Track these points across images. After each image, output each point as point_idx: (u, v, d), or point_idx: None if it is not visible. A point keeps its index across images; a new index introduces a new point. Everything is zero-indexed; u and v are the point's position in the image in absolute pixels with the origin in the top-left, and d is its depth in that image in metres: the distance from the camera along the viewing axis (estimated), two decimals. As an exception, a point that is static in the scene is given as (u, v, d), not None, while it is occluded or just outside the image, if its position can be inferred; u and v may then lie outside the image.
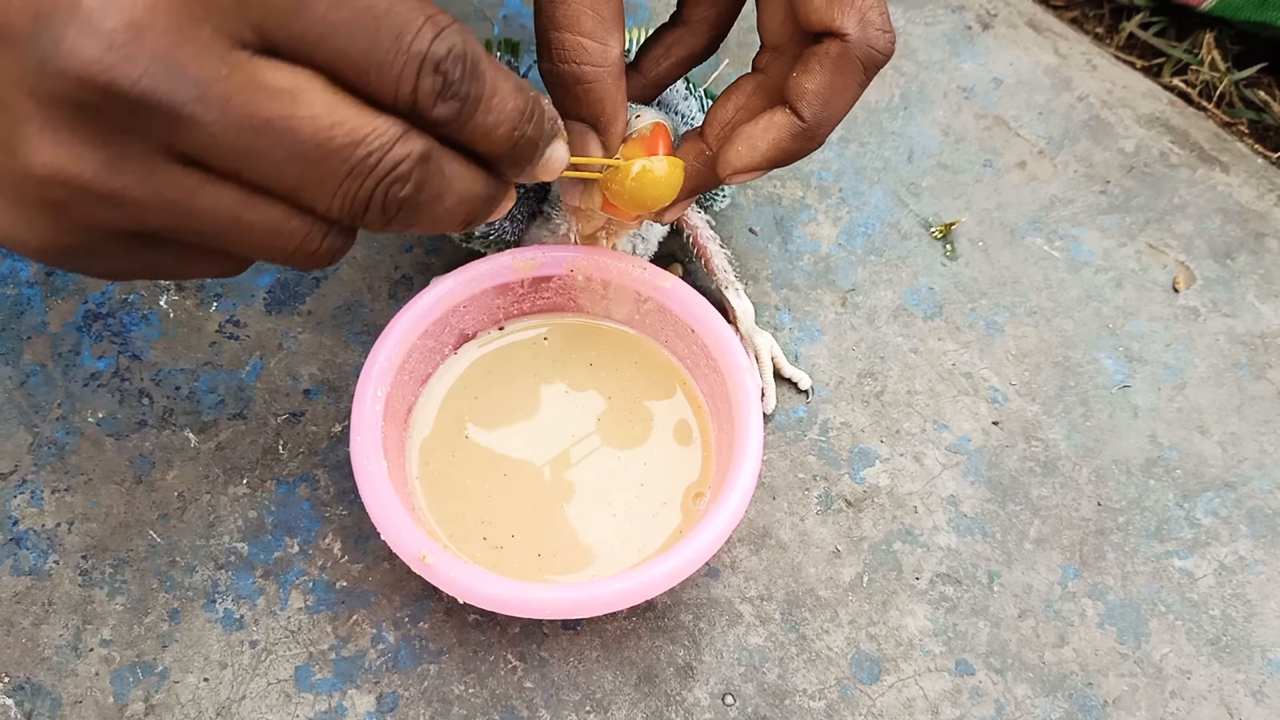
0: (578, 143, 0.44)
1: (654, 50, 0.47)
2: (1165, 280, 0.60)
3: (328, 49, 0.26)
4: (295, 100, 0.26)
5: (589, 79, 0.41)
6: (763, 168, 0.43)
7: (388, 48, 0.27)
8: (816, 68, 0.40)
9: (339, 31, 0.26)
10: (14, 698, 0.46)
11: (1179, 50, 0.70)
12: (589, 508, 0.48)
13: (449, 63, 0.28)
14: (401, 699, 0.47)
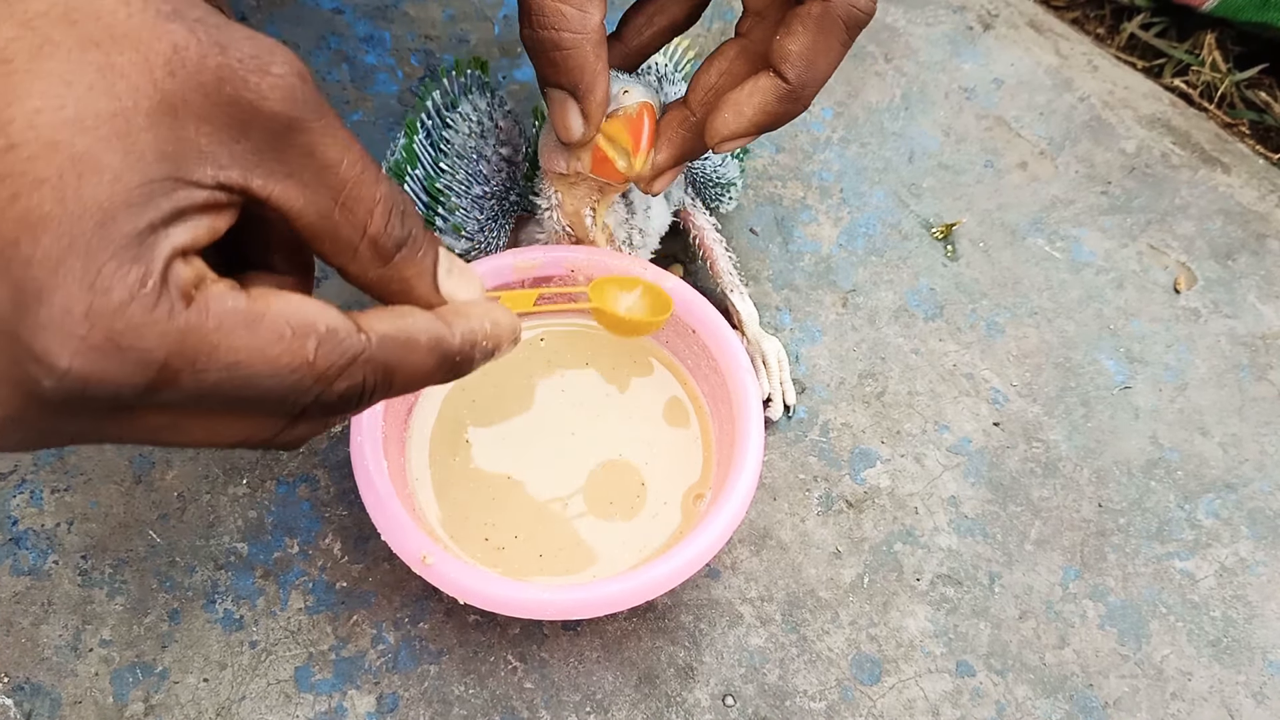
0: (557, 110, 0.44)
1: (636, 19, 0.47)
2: (1166, 281, 0.60)
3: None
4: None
5: (567, 45, 0.41)
6: (750, 133, 0.43)
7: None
8: (799, 29, 0.41)
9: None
10: (13, 698, 0.46)
11: (1180, 51, 0.70)
12: (589, 508, 0.48)
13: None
14: (402, 699, 0.47)
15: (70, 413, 0.27)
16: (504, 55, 0.65)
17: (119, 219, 0.25)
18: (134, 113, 0.26)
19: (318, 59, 0.64)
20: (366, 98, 0.63)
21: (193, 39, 0.27)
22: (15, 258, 0.24)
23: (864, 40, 0.67)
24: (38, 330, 0.25)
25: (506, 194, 0.52)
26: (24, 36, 0.25)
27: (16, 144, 0.25)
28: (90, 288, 0.25)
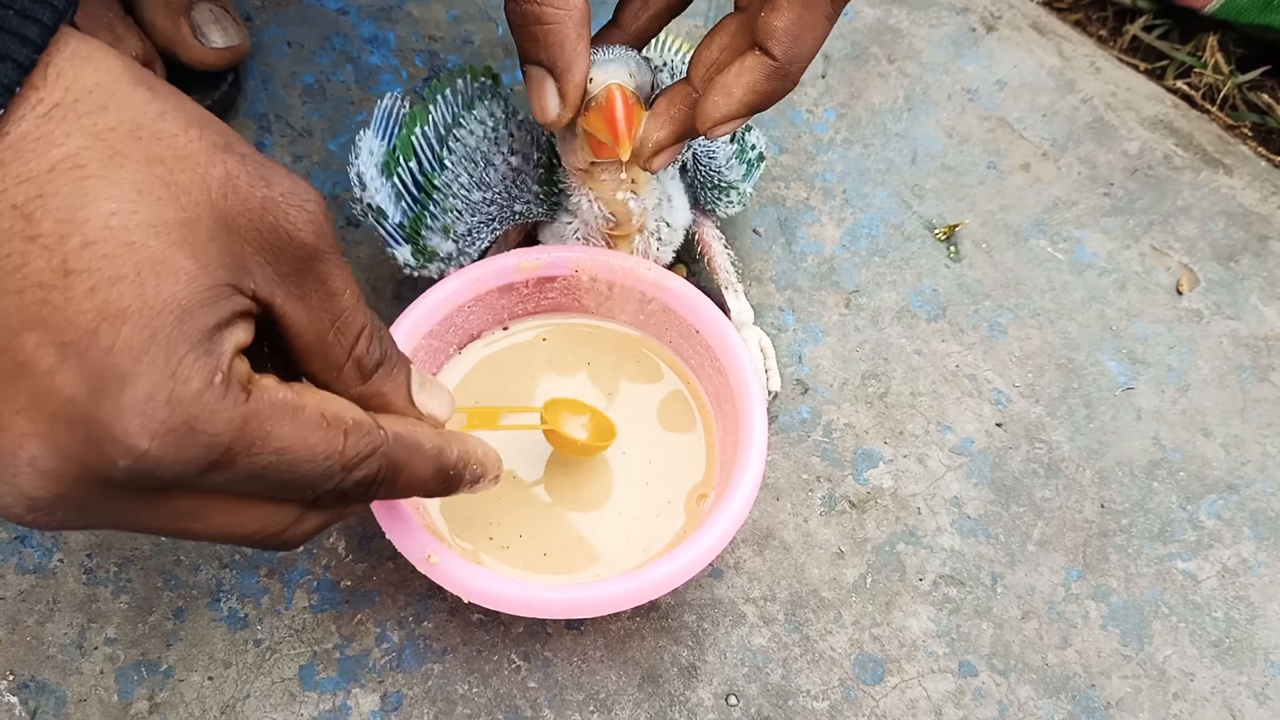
0: (534, 89, 0.44)
1: (632, 3, 0.47)
2: (1169, 282, 0.60)
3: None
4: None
5: (549, 20, 0.41)
6: (742, 114, 0.43)
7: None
8: (784, 4, 0.41)
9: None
10: (18, 695, 0.46)
11: (1182, 53, 0.70)
12: (593, 508, 0.48)
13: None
14: (405, 698, 0.47)
15: (121, 494, 0.28)
16: (508, 56, 0.65)
17: (194, 316, 0.28)
18: (198, 224, 0.29)
19: (322, 59, 0.64)
20: (371, 98, 0.63)
21: (242, 170, 0.30)
22: (94, 345, 0.26)
23: (867, 42, 0.67)
24: (120, 413, 0.27)
25: (510, 202, 0.51)
26: (95, 146, 0.27)
27: (93, 241, 0.27)
28: (172, 376, 0.27)
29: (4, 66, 0.27)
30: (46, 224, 0.27)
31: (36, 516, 0.28)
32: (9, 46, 0.27)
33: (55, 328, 0.27)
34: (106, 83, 0.28)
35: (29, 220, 0.27)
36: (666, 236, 0.51)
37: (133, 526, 0.30)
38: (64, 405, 0.27)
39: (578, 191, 0.49)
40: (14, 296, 0.26)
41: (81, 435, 0.27)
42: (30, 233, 0.27)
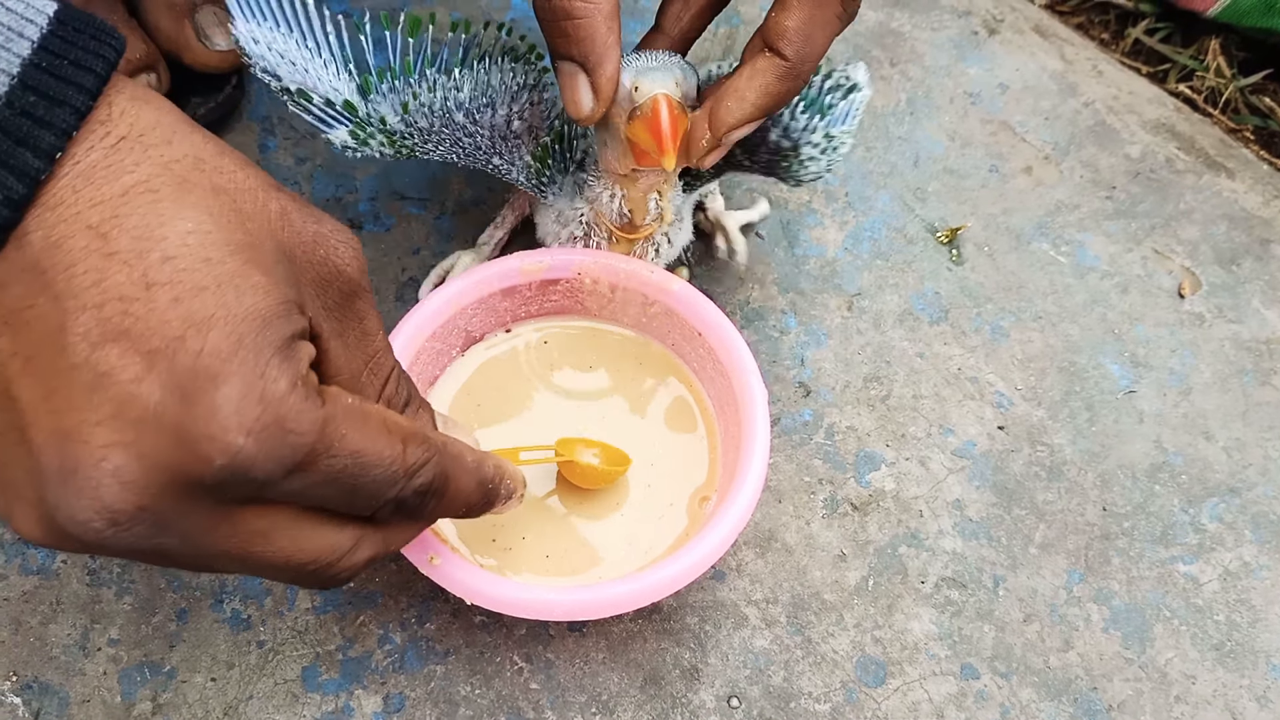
0: (567, 84, 0.43)
1: (672, 6, 0.47)
2: (1171, 286, 0.60)
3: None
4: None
5: (579, 15, 0.41)
6: (755, 117, 0.43)
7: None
8: (795, 4, 0.41)
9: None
10: (22, 696, 0.46)
11: (1185, 56, 0.70)
12: (596, 511, 0.48)
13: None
14: (408, 700, 0.47)
15: (202, 503, 0.29)
16: (511, 59, 0.65)
17: (274, 325, 0.29)
18: (263, 248, 0.30)
19: (326, 62, 0.64)
20: (374, 101, 0.63)
21: (294, 206, 0.32)
22: (182, 350, 0.27)
23: (869, 45, 0.67)
24: (215, 412, 0.27)
25: (490, 154, 0.49)
26: (164, 175, 0.29)
27: (172, 256, 0.28)
28: (261, 376, 0.28)
29: (74, 91, 0.28)
30: (124, 241, 0.27)
31: (115, 532, 0.28)
32: (79, 78, 0.28)
33: (139, 337, 0.27)
34: (167, 121, 0.30)
35: (105, 239, 0.27)
36: (664, 252, 0.51)
37: (200, 550, 0.30)
38: (152, 411, 0.27)
39: (601, 184, 0.48)
40: (92, 311, 0.27)
41: (173, 439, 0.27)
42: (108, 250, 0.27)
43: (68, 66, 0.28)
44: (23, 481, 0.28)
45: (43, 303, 0.27)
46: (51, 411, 0.27)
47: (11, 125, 0.27)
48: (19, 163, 0.27)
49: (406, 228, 0.59)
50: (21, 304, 0.27)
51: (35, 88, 0.28)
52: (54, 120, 0.28)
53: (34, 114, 0.27)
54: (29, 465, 0.28)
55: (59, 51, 0.28)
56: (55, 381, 0.27)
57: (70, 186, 0.28)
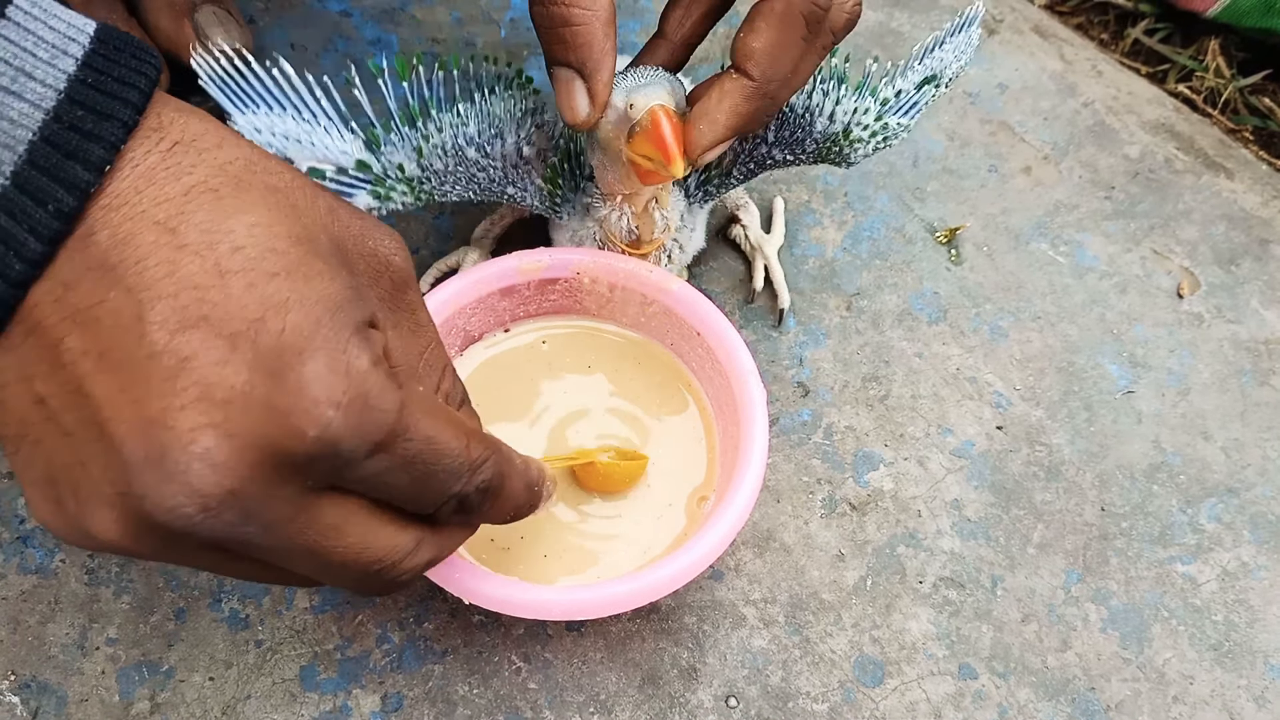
0: (563, 90, 0.44)
1: (674, 12, 0.47)
2: (1169, 286, 0.60)
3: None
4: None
5: (577, 21, 0.42)
6: (727, 138, 0.44)
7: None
8: (761, 25, 0.42)
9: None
10: (20, 695, 0.46)
11: (1184, 57, 0.70)
12: (594, 510, 0.48)
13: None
14: (406, 699, 0.47)
15: (288, 486, 0.29)
16: (511, 59, 0.65)
17: (346, 309, 0.30)
18: (320, 240, 0.31)
19: (325, 61, 0.64)
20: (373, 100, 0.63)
21: (339, 204, 0.33)
22: (264, 330, 0.28)
23: (869, 45, 0.67)
24: (304, 385, 0.28)
25: (504, 184, 0.50)
26: (220, 175, 0.29)
27: (241, 246, 0.28)
28: (344, 352, 0.29)
29: (120, 105, 0.29)
30: (192, 235, 0.28)
31: (205, 518, 0.28)
32: (124, 93, 0.29)
33: (219, 321, 0.27)
34: (214, 129, 0.31)
35: (174, 233, 0.28)
36: (676, 258, 0.52)
37: (278, 541, 0.30)
38: (240, 390, 0.27)
39: (608, 205, 0.49)
40: (168, 300, 0.27)
41: (263, 416, 0.27)
42: (177, 243, 0.28)
43: (112, 82, 0.29)
44: (99, 479, 0.28)
45: (115, 296, 0.27)
46: (132, 401, 0.27)
47: (61, 139, 0.28)
48: (69, 175, 0.28)
49: (405, 228, 0.59)
50: (91, 300, 0.28)
51: (82, 102, 0.28)
52: (102, 134, 0.28)
53: (82, 128, 0.28)
54: (108, 460, 0.28)
55: (102, 68, 0.29)
56: (134, 372, 0.27)
57: (133, 187, 0.28)
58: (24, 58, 0.27)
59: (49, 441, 0.29)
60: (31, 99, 0.28)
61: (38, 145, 0.28)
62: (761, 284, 0.57)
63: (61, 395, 0.28)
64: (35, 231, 0.27)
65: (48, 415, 0.29)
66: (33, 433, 0.29)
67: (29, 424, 0.29)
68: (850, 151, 0.50)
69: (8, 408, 0.29)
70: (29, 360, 0.28)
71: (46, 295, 0.28)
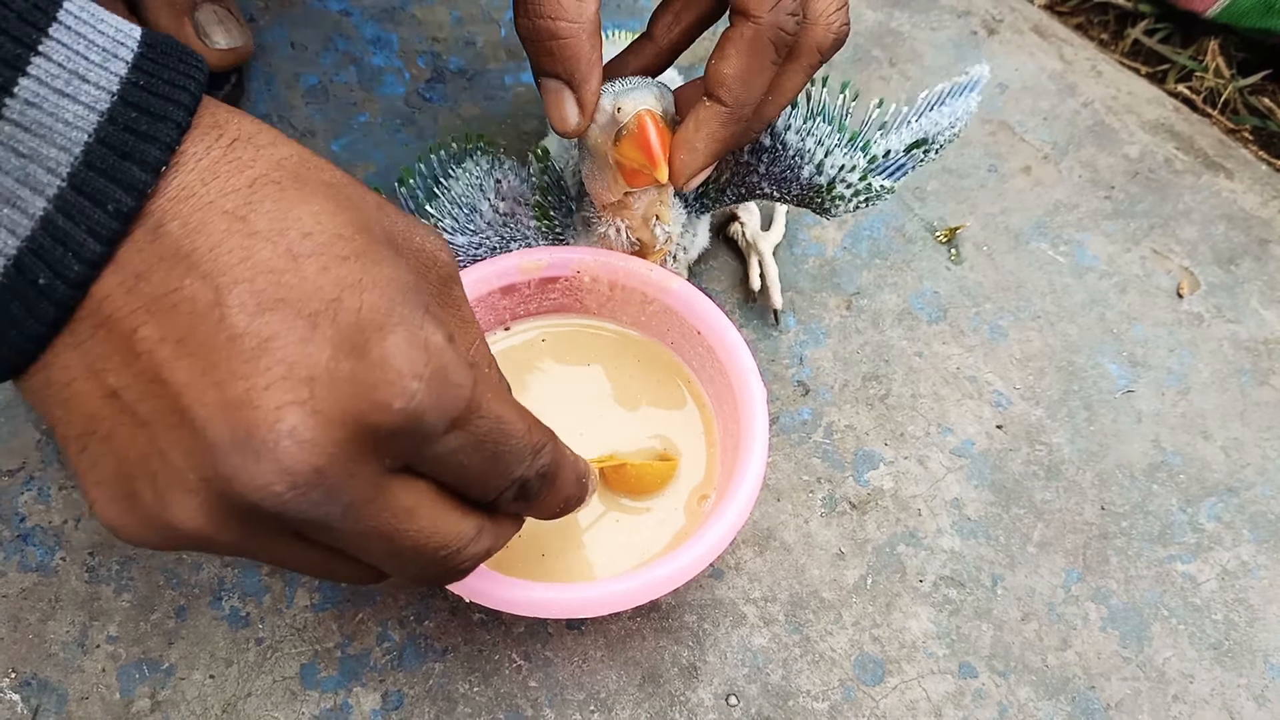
0: (552, 100, 0.44)
1: (664, 17, 0.48)
2: (1169, 286, 0.60)
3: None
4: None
5: (564, 34, 0.42)
6: (709, 163, 0.45)
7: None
8: (731, 52, 0.43)
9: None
10: (20, 693, 0.46)
11: (1184, 57, 0.70)
12: (594, 509, 0.48)
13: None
14: (406, 697, 0.47)
15: (369, 464, 0.29)
16: (510, 58, 0.65)
17: (416, 291, 0.31)
18: (376, 232, 0.31)
19: (326, 60, 0.64)
20: (374, 99, 0.63)
21: (385, 201, 0.33)
22: (343, 309, 0.28)
23: (869, 45, 0.68)
24: (387, 358, 0.28)
25: (505, 244, 0.51)
26: (279, 170, 0.30)
27: (310, 232, 0.29)
28: (420, 329, 0.29)
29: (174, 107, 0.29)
30: (262, 223, 0.29)
31: (294, 496, 0.28)
32: (176, 95, 0.29)
33: (297, 302, 0.28)
34: (264, 128, 0.31)
35: (244, 221, 0.28)
36: (681, 259, 0.52)
37: (357, 524, 0.30)
38: (324, 366, 0.28)
39: (605, 222, 0.49)
40: (245, 284, 0.28)
41: (349, 390, 0.28)
42: (249, 230, 0.28)
43: (163, 84, 0.29)
44: (182, 466, 0.28)
45: (191, 283, 0.28)
46: (214, 384, 0.27)
47: (116, 140, 0.28)
48: (126, 176, 0.28)
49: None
50: (166, 289, 0.28)
51: (136, 104, 0.28)
52: (157, 134, 0.28)
53: (137, 129, 0.28)
54: (191, 445, 0.28)
55: (153, 71, 0.29)
56: (214, 356, 0.27)
57: (199, 179, 0.29)
58: (77, 61, 0.28)
59: (121, 435, 0.29)
60: (86, 101, 0.28)
61: (94, 147, 0.28)
62: (758, 283, 0.57)
63: (137, 385, 0.28)
64: (94, 232, 0.28)
65: (120, 408, 0.29)
66: (102, 428, 0.29)
67: (98, 419, 0.29)
68: (831, 206, 0.50)
69: (74, 405, 0.29)
70: (100, 354, 0.28)
71: (118, 288, 0.28)
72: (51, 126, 0.27)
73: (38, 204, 0.27)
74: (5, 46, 0.27)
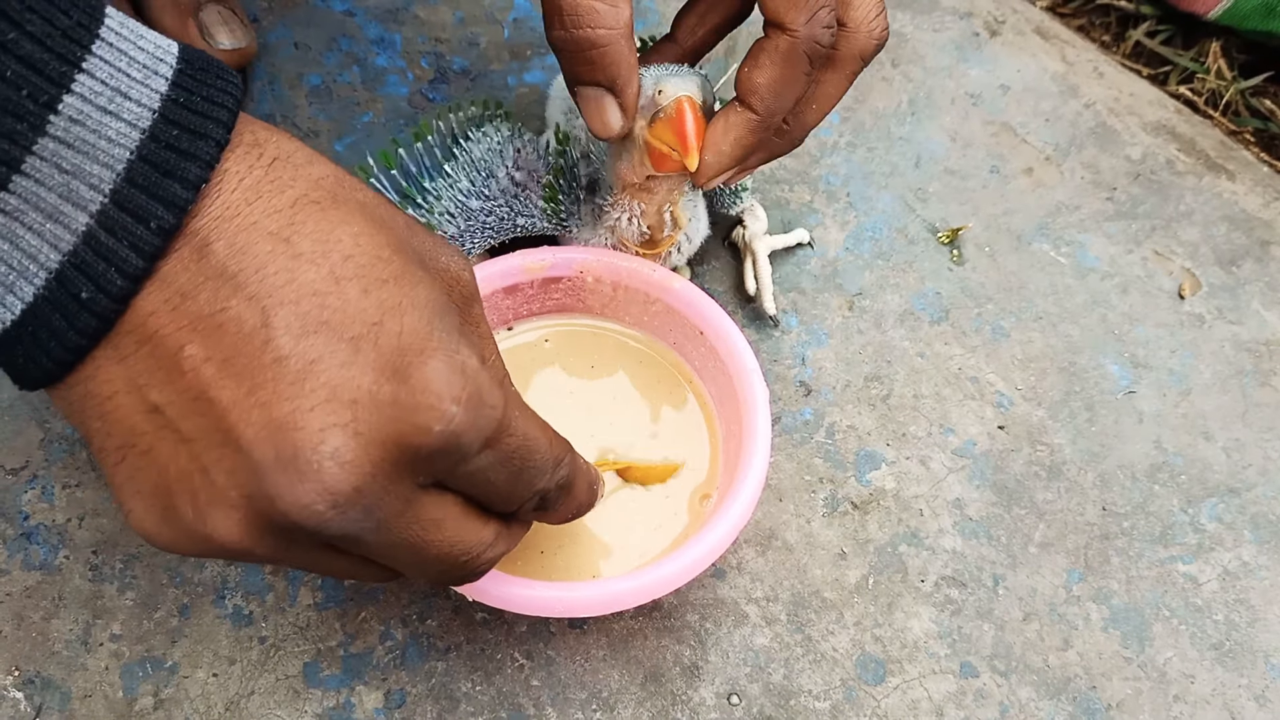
0: (593, 108, 0.44)
1: (688, 19, 0.48)
2: (1171, 287, 0.60)
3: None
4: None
5: (603, 42, 0.42)
6: (731, 166, 0.45)
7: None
8: (765, 61, 0.42)
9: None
10: (24, 691, 0.46)
11: (1185, 59, 0.70)
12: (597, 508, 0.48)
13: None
14: (409, 696, 0.47)
15: (405, 482, 0.30)
16: (514, 59, 0.65)
17: (450, 312, 0.32)
18: (408, 252, 0.32)
19: (329, 61, 0.64)
20: (377, 99, 0.63)
21: (414, 222, 0.34)
22: (384, 333, 0.29)
23: (871, 46, 0.68)
24: (427, 382, 0.29)
25: (513, 216, 0.52)
26: (318, 190, 0.31)
27: (351, 255, 0.30)
28: (457, 353, 0.30)
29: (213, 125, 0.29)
30: (305, 244, 0.29)
31: (335, 515, 0.29)
32: (214, 113, 0.29)
33: (340, 326, 0.29)
34: (300, 146, 0.32)
35: (288, 243, 0.29)
36: (685, 249, 0.52)
37: (389, 537, 0.31)
38: (366, 390, 0.28)
39: (618, 208, 0.49)
40: (290, 306, 0.28)
41: (391, 414, 0.29)
42: (293, 252, 0.29)
43: (202, 101, 0.29)
44: (225, 484, 0.29)
45: (236, 304, 0.28)
46: (259, 405, 0.28)
47: (158, 158, 0.28)
48: (168, 194, 0.28)
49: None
50: (212, 309, 0.28)
51: (177, 121, 0.29)
52: (198, 152, 0.29)
53: (178, 146, 0.29)
54: (235, 463, 0.28)
55: (192, 88, 0.29)
56: (259, 376, 0.28)
57: (243, 199, 0.29)
58: (119, 78, 0.28)
59: (162, 450, 0.29)
60: (129, 119, 0.28)
61: (136, 164, 0.28)
62: (753, 285, 0.57)
63: (181, 403, 0.29)
64: (136, 248, 0.28)
65: (163, 424, 0.29)
66: (142, 443, 0.30)
67: (138, 434, 0.30)
68: (718, 205, 0.55)
69: (114, 419, 0.30)
70: (143, 369, 0.29)
71: (164, 305, 0.29)
72: (95, 144, 0.28)
73: (80, 219, 0.28)
74: (50, 65, 0.27)
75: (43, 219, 0.27)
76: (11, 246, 0.28)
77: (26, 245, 0.28)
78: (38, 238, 0.28)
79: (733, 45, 0.67)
